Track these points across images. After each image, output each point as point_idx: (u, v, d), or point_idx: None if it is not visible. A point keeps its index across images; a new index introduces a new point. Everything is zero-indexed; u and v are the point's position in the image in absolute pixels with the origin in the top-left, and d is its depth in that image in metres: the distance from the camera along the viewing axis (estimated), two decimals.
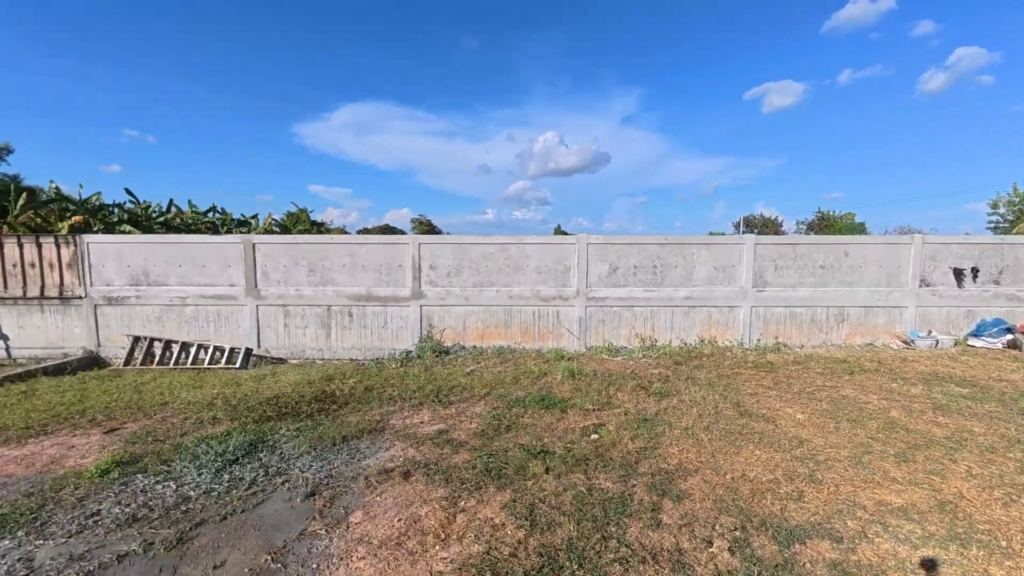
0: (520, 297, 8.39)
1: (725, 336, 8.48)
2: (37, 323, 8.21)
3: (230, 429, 4.68)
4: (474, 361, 7.68)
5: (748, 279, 8.35)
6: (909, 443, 4.25)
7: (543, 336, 8.51)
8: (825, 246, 8.43)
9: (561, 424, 4.83)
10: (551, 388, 6.10)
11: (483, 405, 5.48)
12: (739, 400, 5.50)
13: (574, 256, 8.36)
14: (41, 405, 5.66)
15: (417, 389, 6.07)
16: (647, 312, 8.45)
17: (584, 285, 8.38)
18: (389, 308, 8.36)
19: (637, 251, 8.40)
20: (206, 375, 7.20)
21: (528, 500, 3.29)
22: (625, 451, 4.12)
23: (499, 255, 8.38)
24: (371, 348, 8.39)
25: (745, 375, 6.62)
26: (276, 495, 3.45)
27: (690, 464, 3.87)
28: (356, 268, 8.31)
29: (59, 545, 2.88)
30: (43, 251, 8.11)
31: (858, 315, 8.48)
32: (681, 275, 8.42)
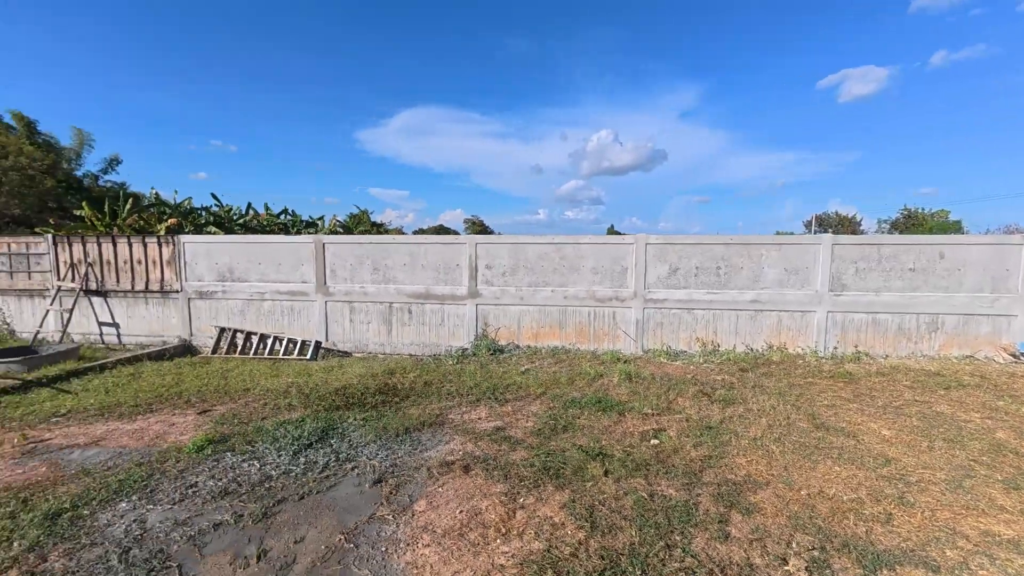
0: (575, 297, 8.33)
1: (796, 343, 7.92)
2: (142, 313, 9.26)
3: (304, 416, 5.03)
4: (528, 360, 7.72)
5: (824, 282, 7.75)
6: (1021, 469, 3.76)
7: (598, 337, 8.38)
8: (916, 247, 7.64)
9: (619, 427, 4.74)
10: (607, 390, 6.00)
11: (539, 404, 5.50)
12: (814, 412, 5.13)
13: (632, 256, 8.16)
14: (146, 386, 6.38)
15: (474, 386, 6.20)
16: (709, 315, 8.08)
17: (642, 286, 8.16)
18: (446, 306, 8.60)
19: (700, 251, 8.05)
20: (281, 365, 7.78)
21: (588, 501, 3.26)
22: (688, 458, 3.97)
23: (554, 255, 8.36)
24: (429, 344, 8.67)
25: (820, 385, 6.16)
26: (346, 480, 3.67)
27: (760, 476, 3.67)
28: (416, 267, 8.62)
29: (165, 511, 3.24)
30: (147, 250, 9.14)
31: (955, 323, 7.61)
32: (748, 277, 7.97)
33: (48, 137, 19.60)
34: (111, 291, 9.31)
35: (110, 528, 3.03)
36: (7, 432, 4.74)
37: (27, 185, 15.95)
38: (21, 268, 9.50)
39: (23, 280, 9.51)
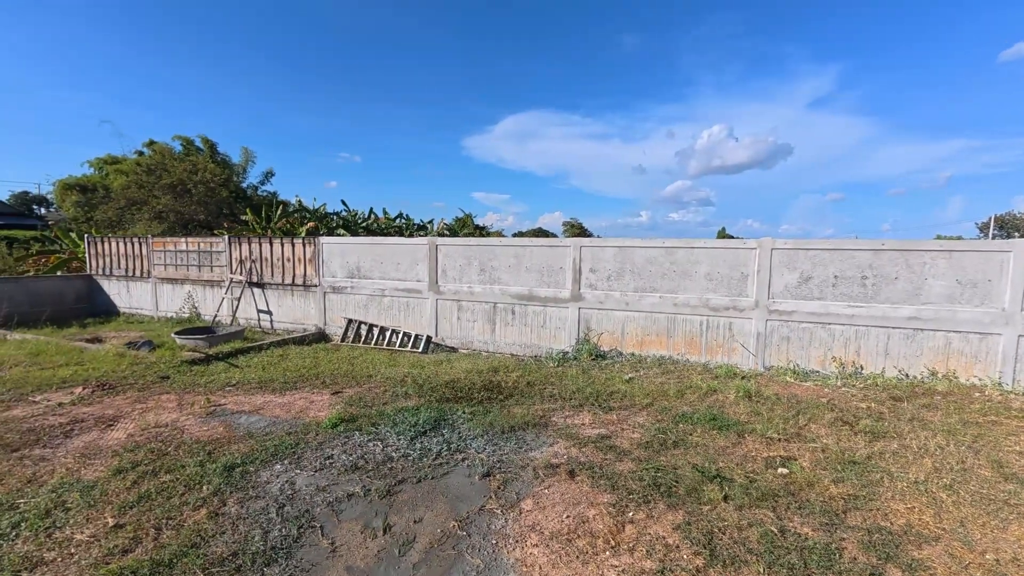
0: (686, 305, 7.81)
1: (972, 371, 6.50)
2: (289, 303, 10.82)
3: (419, 405, 5.43)
4: (632, 369, 7.43)
5: (1015, 299, 6.24)
6: None
7: (711, 349, 7.76)
8: None
9: (738, 450, 4.33)
10: (723, 407, 5.52)
11: (645, 416, 5.25)
12: (1000, 458, 4.15)
13: (754, 262, 7.41)
14: (291, 367, 7.42)
15: (576, 390, 6.14)
16: (850, 332, 7.00)
17: (765, 296, 7.37)
18: (548, 308, 8.65)
19: (839, 258, 7.02)
20: (397, 355, 8.50)
21: (705, 526, 3.02)
22: (826, 495, 3.48)
23: (664, 259, 7.93)
24: (530, 345, 8.81)
25: (1008, 426, 4.97)
26: (457, 469, 3.87)
27: (926, 529, 3.07)
28: (520, 269, 8.82)
29: (309, 476, 3.73)
30: (294, 249, 10.65)
31: None
32: (904, 289, 6.74)
33: (224, 156, 23.94)
34: (267, 284, 11.02)
35: (269, 485, 3.57)
36: (197, 395, 5.86)
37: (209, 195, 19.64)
38: (206, 263, 11.71)
39: (207, 273, 11.71)
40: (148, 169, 19.27)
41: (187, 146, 22.77)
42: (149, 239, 12.54)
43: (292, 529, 2.99)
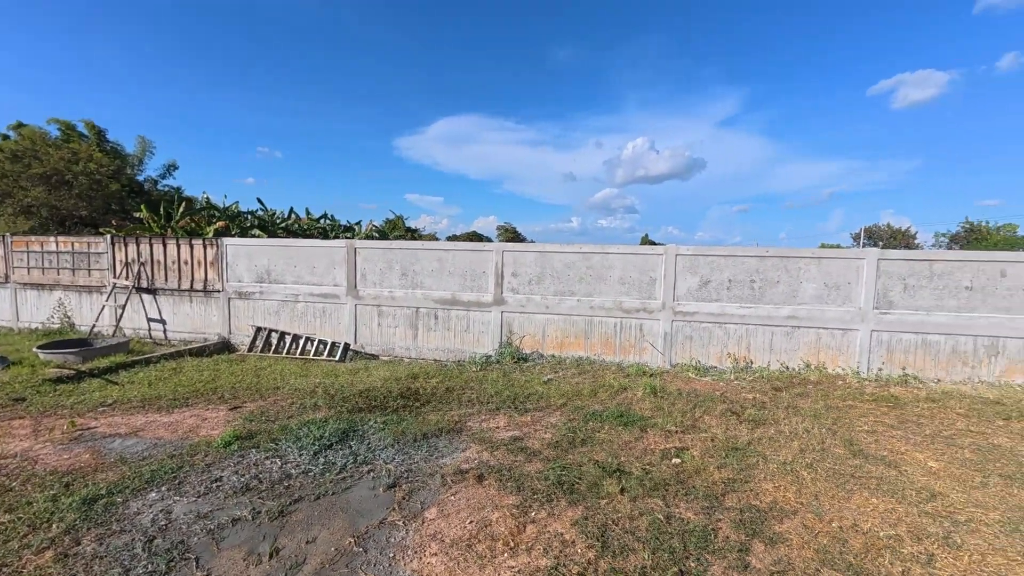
0: (602, 308, 8.20)
1: (836, 362, 7.48)
2: (186, 311, 9.80)
3: (328, 416, 5.16)
4: (552, 370, 7.64)
5: (868, 299, 7.30)
6: None
7: (624, 349, 8.20)
8: (973, 263, 7.08)
9: (639, 443, 4.60)
10: (630, 404, 5.85)
11: (559, 415, 5.42)
12: (852, 437, 4.81)
13: (661, 267, 7.97)
14: (185, 381, 6.72)
15: (495, 394, 6.18)
16: (742, 330, 7.76)
17: (671, 298, 7.94)
18: (471, 312, 8.65)
19: (733, 264, 7.77)
20: (311, 365, 8.02)
21: (600, 520, 3.17)
22: (710, 480, 3.80)
23: (581, 264, 8.27)
24: (453, 350, 8.74)
25: (860, 409, 5.78)
26: (362, 482, 3.72)
27: (787, 504, 3.46)
28: (443, 273, 8.73)
29: (190, 503, 3.38)
30: (194, 251, 9.68)
31: (1019, 348, 6.98)
32: (784, 291, 7.61)
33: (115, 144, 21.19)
34: (160, 289, 9.90)
35: (139, 516, 3.19)
36: (59, 419, 5.10)
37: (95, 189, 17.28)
38: (82, 266, 10.26)
39: (83, 277, 10.27)
40: (13, 156, 16.56)
41: (66, 131, 19.85)
42: (7, 237, 10.74)
43: (160, 564, 2.69)
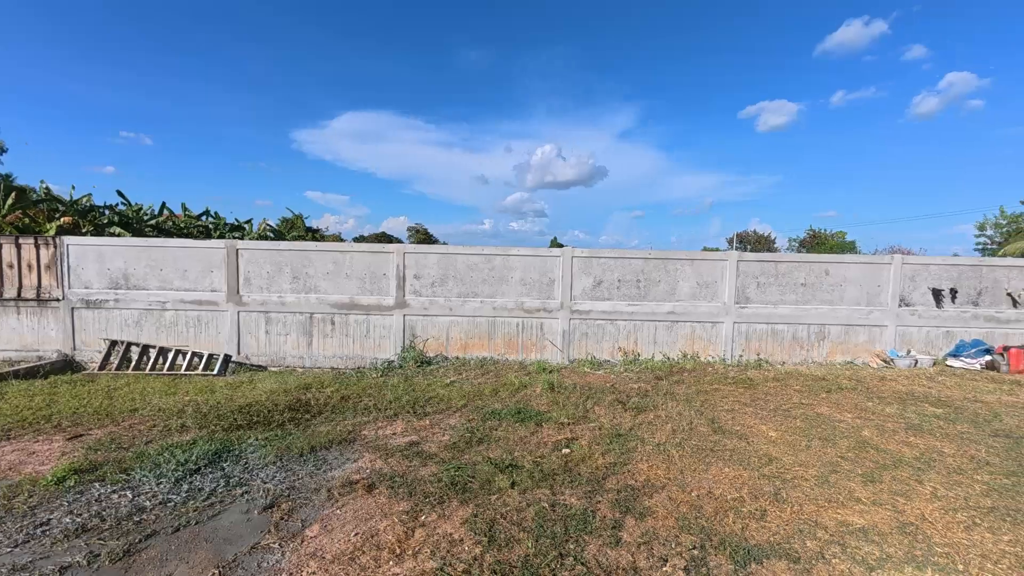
0: (504, 308, 8.39)
1: (708, 351, 8.50)
2: (12, 325, 8.09)
3: (197, 437, 4.61)
4: (455, 372, 7.64)
5: (731, 295, 8.41)
6: (878, 463, 4.25)
7: (527, 348, 8.49)
8: (806, 264, 8.52)
9: (534, 438, 4.79)
10: (529, 401, 6.07)
11: (458, 417, 5.43)
12: (715, 416, 5.49)
13: (559, 269, 8.38)
14: (8, 409, 5.55)
15: (394, 400, 6.02)
16: (631, 326, 8.46)
17: (568, 298, 8.39)
18: (372, 317, 8.32)
19: (621, 265, 8.44)
20: (181, 382, 7.10)
21: (489, 515, 3.25)
22: (595, 466, 4.09)
23: (484, 266, 8.39)
24: (353, 357, 8.33)
25: (724, 391, 6.62)
26: (234, 506, 3.39)
27: (658, 480, 3.85)
28: (340, 276, 8.28)
29: (2, 556, 2.81)
30: (22, 252, 8.03)
31: (839, 333, 8.54)
32: (665, 290, 8.46)
33: None
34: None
35: None
36: None
37: None
38: None
39: None
40: None
41: None
42: None
43: None
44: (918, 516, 3.35)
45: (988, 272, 8.66)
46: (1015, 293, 8.59)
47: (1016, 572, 2.75)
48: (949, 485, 3.83)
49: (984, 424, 5.33)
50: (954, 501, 3.57)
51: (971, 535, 3.12)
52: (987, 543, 3.02)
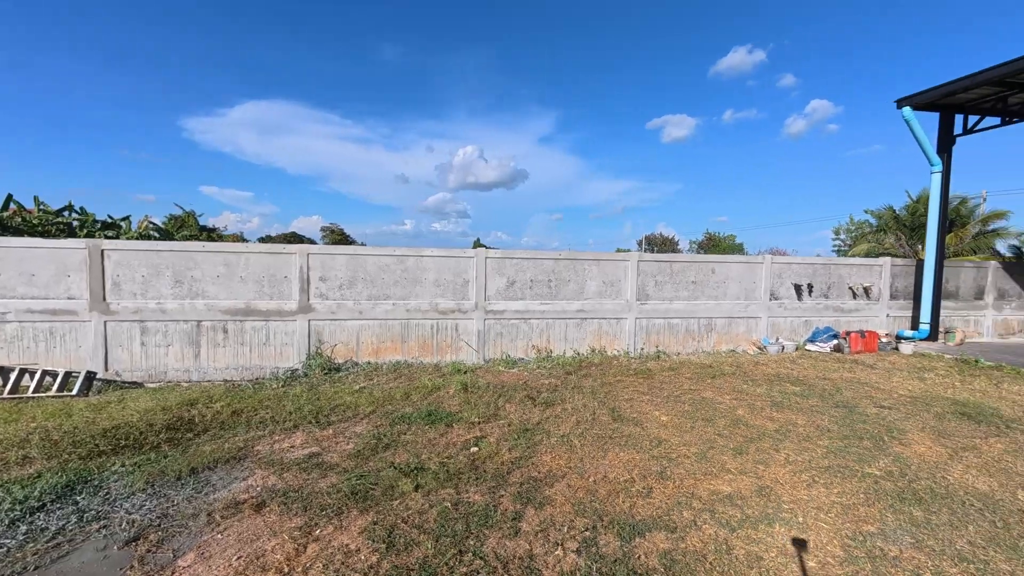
0: (418, 310, 8.25)
1: (613, 346, 9.08)
2: None
3: (43, 470, 3.95)
4: (366, 378, 7.35)
5: (632, 293, 9.07)
6: (747, 437, 4.85)
7: (442, 350, 8.42)
8: (696, 264, 9.46)
9: (443, 439, 4.78)
10: (441, 403, 6.03)
11: (366, 424, 5.24)
12: (616, 406, 5.89)
13: (473, 269, 8.43)
14: None
15: (295, 410, 5.64)
16: (543, 324, 8.77)
17: (483, 298, 8.48)
18: (272, 323, 7.72)
19: (533, 265, 8.72)
20: (27, 406, 6.01)
21: (390, 521, 3.18)
22: (500, 462, 4.18)
23: (396, 267, 8.18)
24: (250, 367, 7.66)
25: (626, 382, 7.12)
26: (87, 544, 2.96)
27: (559, 470, 4.04)
28: (233, 279, 7.57)
29: None
30: None
31: (723, 325, 9.59)
32: (574, 289, 8.88)
33: None
34: None
35: None
36: None
37: None
38: None
39: None
40: None
41: None
42: None
43: None
44: (773, 480, 3.88)
45: (835, 270, 10.28)
46: (854, 287, 10.30)
47: (840, 518, 3.30)
48: (799, 451, 4.49)
49: (828, 397, 6.32)
50: (801, 464, 4.19)
51: (811, 491, 3.69)
52: (821, 497, 3.59)
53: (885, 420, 5.39)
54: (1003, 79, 8.24)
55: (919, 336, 9.97)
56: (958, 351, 9.34)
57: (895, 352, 9.60)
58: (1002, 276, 11.26)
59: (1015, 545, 2.98)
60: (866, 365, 8.32)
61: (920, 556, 2.87)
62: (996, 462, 4.25)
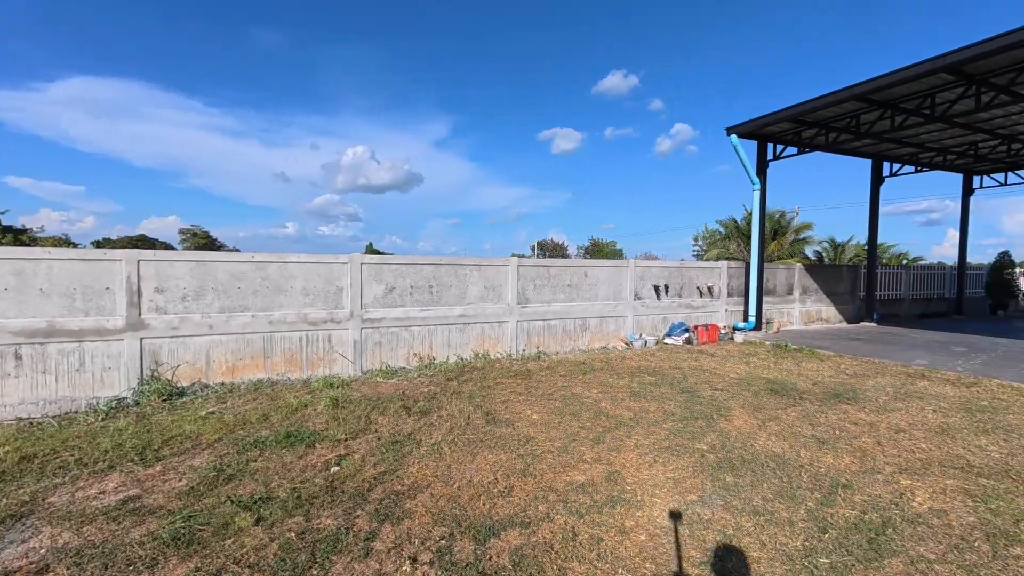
0: (284, 322, 7.51)
1: (496, 349, 9.27)
2: None
3: None
4: (218, 401, 6.47)
5: (513, 297, 9.36)
6: (606, 427, 5.27)
7: (313, 364, 7.78)
8: (571, 268, 10.11)
9: (301, 462, 4.38)
10: (306, 422, 5.55)
11: (207, 455, 4.59)
12: (491, 408, 5.99)
13: (347, 276, 7.95)
14: None
15: (113, 448, 4.72)
16: (425, 331, 8.61)
17: (359, 306, 8.03)
18: (89, 344, 6.39)
19: (414, 271, 8.52)
20: None
21: (217, 564, 2.80)
22: (362, 479, 3.96)
23: (255, 275, 7.35)
24: (57, 400, 6.23)
25: (505, 384, 7.30)
26: None
27: (424, 480, 3.96)
28: (30, 292, 6.11)
29: None
30: None
31: (597, 324, 10.39)
32: (456, 294, 8.88)
33: None
34: None
35: None
36: None
37: None
38: None
39: None
40: None
41: None
42: None
43: None
44: (622, 464, 4.26)
45: (686, 272, 11.79)
46: (701, 286, 11.92)
47: (671, 492, 3.73)
48: (647, 435, 5.00)
49: (676, 384, 7.18)
50: (647, 447, 4.67)
51: (651, 471, 4.12)
52: (659, 475, 4.03)
53: (716, 401, 6.28)
54: (795, 117, 10.28)
55: (748, 327, 11.90)
56: (775, 338, 11.35)
57: (731, 341, 11.32)
58: (805, 275, 13.98)
59: (794, 495, 3.66)
60: (708, 354, 9.67)
61: (727, 516, 3.36)
62: (789, 428, 5.21)
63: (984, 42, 7.33)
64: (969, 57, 7.63)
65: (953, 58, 7.73)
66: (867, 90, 8.95)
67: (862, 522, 3.26)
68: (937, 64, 7.92)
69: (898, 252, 27.77)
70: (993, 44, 7.23)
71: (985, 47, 7.33)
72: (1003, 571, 2.73)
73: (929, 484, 3.85)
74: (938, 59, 7.86)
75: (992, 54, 7.47)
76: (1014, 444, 4.72)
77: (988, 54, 7.47)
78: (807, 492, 3.70)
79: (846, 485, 3.81)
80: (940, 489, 3.76)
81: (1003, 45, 7.19)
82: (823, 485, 3.81)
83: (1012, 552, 2.92)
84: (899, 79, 8.44)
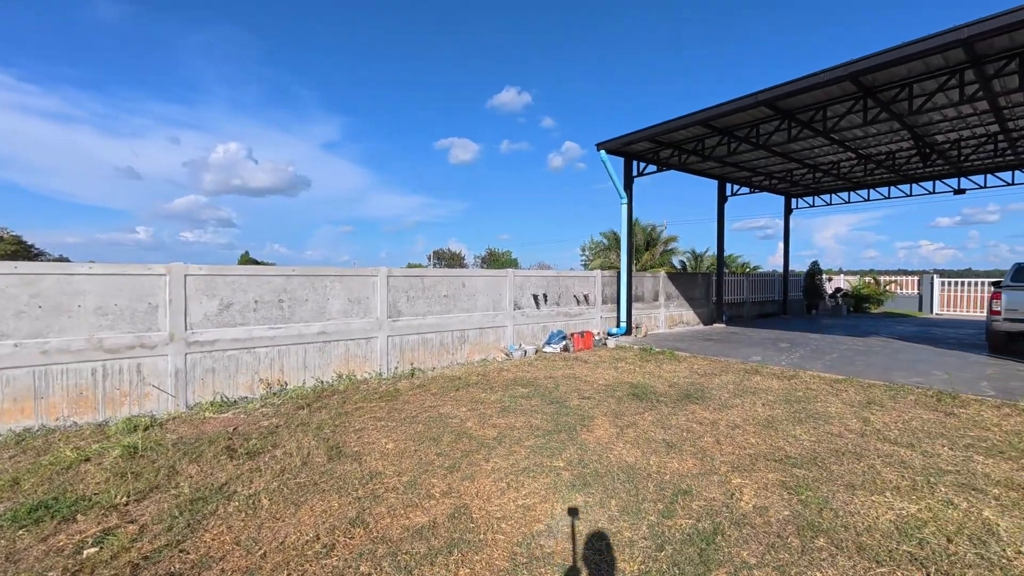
0: (66, 351, 5.84)
1: (364, 368, 8.40)
2: None
3: None
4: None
5: (383, 310, 8.61)
6: (465, 450, 4.86)
7: (115, 402, 6.18)
8: (447, 278, 9.67)
9: (43, 545, 3.22)
10: (77, 483, 4.23)
11: None
12: (340, 441, 5.22)
13: (165, 291, 6.51)
14: None
15: None
16: (274, 352, 7.43)
17: (183, 327, 6.62)
18: None
19: (259, 284, 7.32)
20: None
21: None
22: (126, 562, 2.99)
23: (20, 292, 5.62)
24: None
25: (366, 408, 6.53)
26: None
27: (220, 551, 3.12)
28: None
29: None
30: None
31: (476, 335, 10.07)
32: (314, 309, 7.86)
33: None
34: None
35: None
36: None
37: None
38: None
39: None
40: None
41: None
42: None
43: None
44: (473, 495, 3.87)
45: (564, 281, 12.10)
46: (578, 295, 12.33)
47: (518, 524, 3.42)
48: (507, 456, 4.70)
49: (547, 395, 7.09)
50: (504, 470, 4.35)
51: (502, 500, 3.79)
52: (508, 504, 3.71)
53: (582, 410, 6.28)
54: (653, 137, 11.21)
55: (620, 332, 12.60)
56: (643, 342, 12.15)
57: (605, 347, 11.84)
58: (668, 283, 15.35)
59: (638, 510, 3.60)
60: (582, 361, 9.91)
61: (568, 546, 3.13)
62: (644, 433, 5.33)
63: (790, 83, 8.63)
64: (781, 95, 8.95)
65: (767, 95, 9.01)
66: (707, 117, 10.06)
67: (696, 532, 3.26)
68: (758, 99, 9.16)
69: (744, 262, 32.47)
70: (797, 85, 8.55)
71: (790, 87, 8.64)
72: (809, 568, 2.86)
73: (755, 480, 4.09)
74: (759, 94, 9.10)
75: (796, 93, 8.85)
76: (820, 431, 5.36)
77: (793, 93, 8.83)
78: (651, 504, 3.67)
79: (685, 491, 3.87)
80: (763, 484, 4.01)
81: (803, 87, 8.55)
82: (666, 495, 3.82)
83: (816, 544, 3.11)
84: (730, 109, 9.62)
